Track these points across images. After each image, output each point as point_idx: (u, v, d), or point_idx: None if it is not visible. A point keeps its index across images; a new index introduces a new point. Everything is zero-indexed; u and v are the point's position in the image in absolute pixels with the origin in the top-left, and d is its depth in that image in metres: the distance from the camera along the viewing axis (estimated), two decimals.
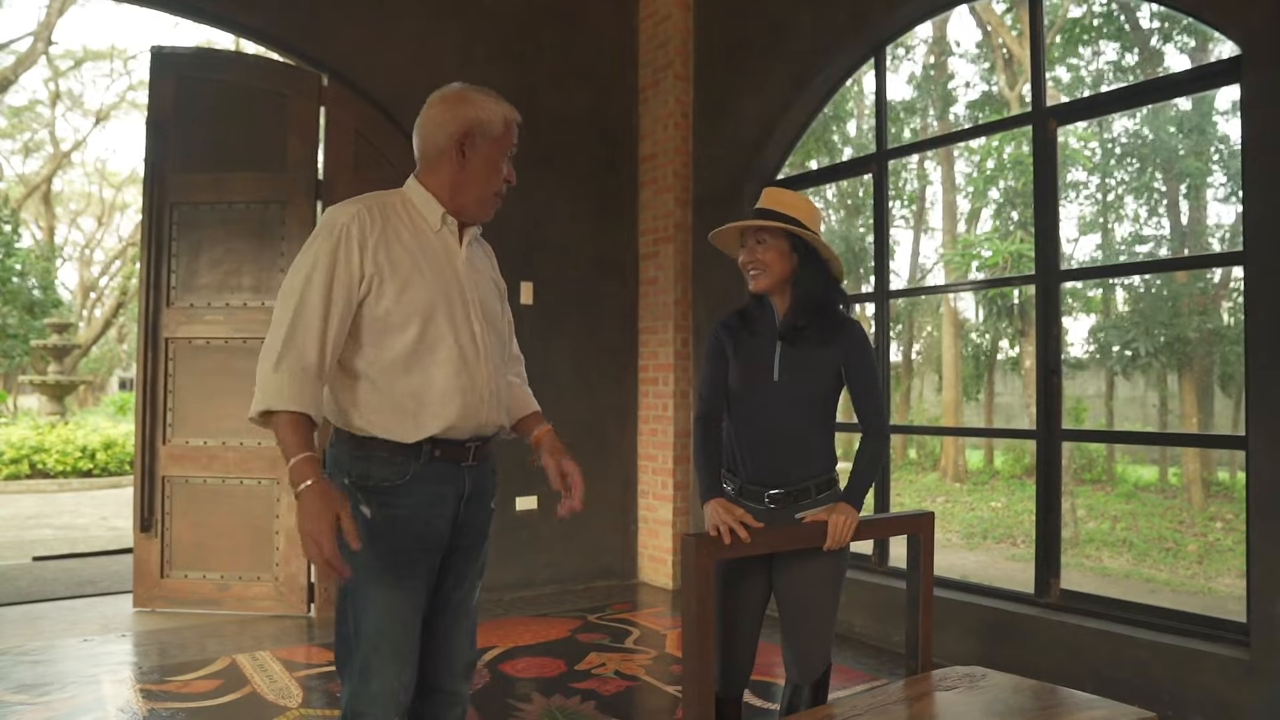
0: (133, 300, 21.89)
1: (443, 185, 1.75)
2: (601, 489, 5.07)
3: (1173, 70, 10.28)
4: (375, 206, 1.70)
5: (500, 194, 1.80)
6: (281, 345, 1.61)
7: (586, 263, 5.02)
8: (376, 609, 1.66)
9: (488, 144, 1.74)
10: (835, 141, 13.48)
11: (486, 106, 1.74)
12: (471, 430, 1.74)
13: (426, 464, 1.69)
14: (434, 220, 1.75)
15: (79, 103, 23.20)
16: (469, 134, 1.72)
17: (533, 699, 3.13)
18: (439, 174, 1.75)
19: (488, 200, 1.78)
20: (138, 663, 3.51)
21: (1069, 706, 1.96)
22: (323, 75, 4.34)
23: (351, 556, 1.68)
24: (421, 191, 1.76)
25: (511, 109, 1.78)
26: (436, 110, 1.74)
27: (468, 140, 1.72)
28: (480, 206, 1.78)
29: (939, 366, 14.08)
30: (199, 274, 4.29)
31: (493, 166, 1.75)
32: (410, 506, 1.69)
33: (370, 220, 1.67)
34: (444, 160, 1.73)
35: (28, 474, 10.18)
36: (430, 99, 1.77)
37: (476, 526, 1.83)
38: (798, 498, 2.08)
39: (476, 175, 1.74)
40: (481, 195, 1.77)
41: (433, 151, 1.74)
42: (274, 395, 1.58)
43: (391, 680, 1.67)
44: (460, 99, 1.74)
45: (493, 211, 1.81)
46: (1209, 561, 8.09)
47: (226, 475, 4.25)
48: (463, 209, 1.77)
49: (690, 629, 1.85)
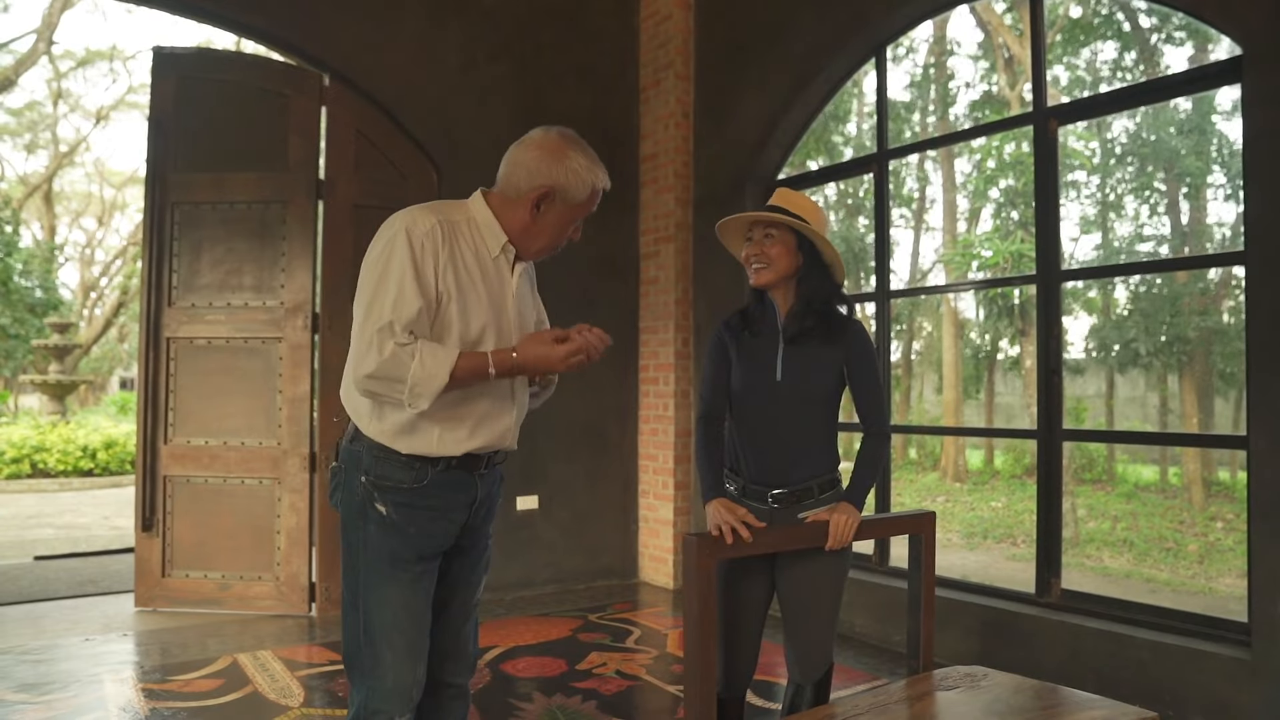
0: (133, 300, 21.91)
1: (511, 224, 1.74)
2: (602, 488, 5.08)
3: (1172, 70, 10.30)
4: (446, 223, 1.68)
5: (559, 248, 1.81)
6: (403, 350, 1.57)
7: (587, 262, 5.02)
8: (390, 606, 1.68)
9: (566, 208, 1.73)
10: (835, 142, 13.48)
11: (579, 173, 1.70)
12: (491, 449, 1.77)
13: (443, 471, 1.71)
14: (494, 247, 1.74)
15: (80, 103, 23.22)
16: (551, 194, 1.70)
17: (534, 698, 3.13)
18: (512, 213, 1.73)
19: (546, 251, 1.80)
20: (139, 662, 3.51)
21: (1070, 706, 1.97)
22: (324, 75, 4.34)
23: (364, 553, 1.69)
24: (489, 216, 1.74)
25: (604, 178, 1.74)
26: (533, 155, 1.71)
27: (547, 199, 1.70)
28: (539, 254, 1.80)
29: (939, 366, 14.07)
30: (200, 273, 4.30)
31: (562, 226, 1.76)
32: (425, 508, 1.71)
33: (442, 237, 1.66)
34: (520, 204, 1.72)
35: (29, 473, 10.19)
36: (533, 138, 1.73)
37: (483, 528, 1.86)
38: (801, 497, 2.08)
39: (545, 230, 1.74)
40: (543, 248, 1.78)
41: (512, 190, 1.73)
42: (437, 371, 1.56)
43: (406, 676, 1.69)
44: (559, 155, 1.70)
45: (546, 257, 1.82)
46: (1210, 561, 8.09)
47: (228, 475, 4.25)
48: (522, 251, 1.78)
49: (692, 629, 1.85)
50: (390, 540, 1.68)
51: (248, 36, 4.48)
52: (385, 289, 1.58)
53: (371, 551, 1.69)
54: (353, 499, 1.71)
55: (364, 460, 1.70)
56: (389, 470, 1.68)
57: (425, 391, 1.56)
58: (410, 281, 1.59)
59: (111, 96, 30.07)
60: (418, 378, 1.55)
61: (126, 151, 39.23)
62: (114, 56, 22.06)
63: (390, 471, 1.68)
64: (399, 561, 1.68)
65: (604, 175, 1.74)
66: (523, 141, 1.74)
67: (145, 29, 39.33)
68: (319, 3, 4.28)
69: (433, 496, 1.71)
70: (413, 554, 1.69)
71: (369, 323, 1.58)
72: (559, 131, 1.73)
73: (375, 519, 1.68)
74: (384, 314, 1.56)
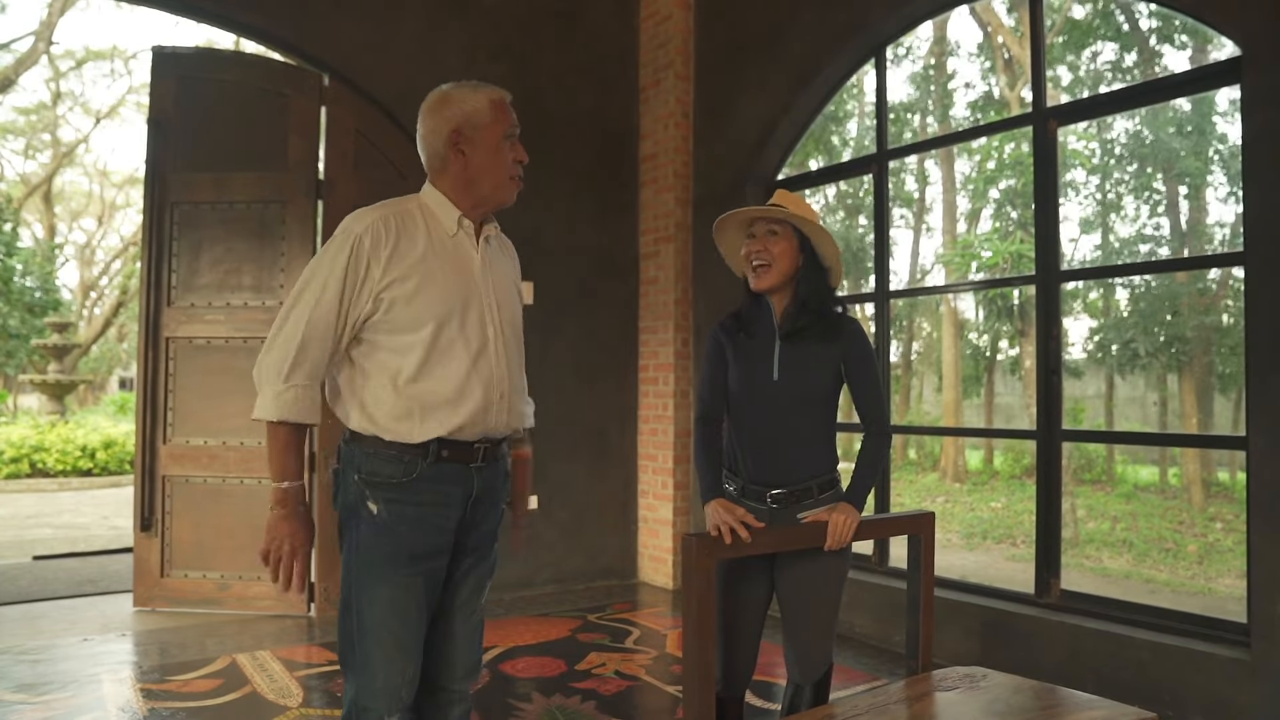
0: (133, 300, 21.88)
1: (454, 186, 1.76)
2: (602, 489, 5.08)
3: (1171, 71, 10.31)
4: (392, 215, 1.72)
5: (515, 175, 1.80)
6: (294, 357, 1.64)
7: (587, 262, 5.02)
8: (380, 605, 1.68)
9: (482, 133, 1.75)
10: (834, 143, 13.48)
11: (467, 99, 1.75)
12: (480, 432, 1.75)
13: (434, 463, 1.70)
14: (450, 224, 1.76)
15: (80, 103, 23.19)
16: (459, 131, 1.73)
17: (533, 698, 3.13)
18: (448, 176, 1.77)
19: (503, 184, 1.79)
20: (138, 662, 3.51)
21: (1069, 707, 1.97)
22: (324, 75, 4.34)
23: (356, 553, 1.69)
24: (436, 195, 1.78)
25: (495, 90, 1.78)
26: (427, 119, 1.77)
27: (461, 138, 1.74)
28: (498, 191, 1.79)
29: (939, 367, 14.08)
30: (199, 273, 4.29)
31: (495, 151, 1.76)
32: (416, 504, 1.70)
33: (385, 230, 1.69)
34: (447, 163, 1.75)
35: (28, 473, 10.19)
36: (420, 111, 1.80)
37: (485, 527, 1.84)
38: (800, 498, 2.08)
39: (483, 166, 1.76)
40: (496, 181, 1.78)
41: (435, 159, 1.77)
42: (289, 407, 1.65)
43: (395, 675, 1.68)
44: (441, 101, 1.76)
45: (514, 193, 1.82)
46: (1209, 562, 8.09)
47: (227, 475, 4.25)
48: (482, 200, 1.79)
49: (691, 629, 1.85)
50: (380, 540, 1.68)
51: (247, 36, 4.48)
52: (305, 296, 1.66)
53: (363, 552, 1.69)
54: (348, 499, 1.71)
55: (357, 458, 1.70)
56: (378, 466, 1.69)
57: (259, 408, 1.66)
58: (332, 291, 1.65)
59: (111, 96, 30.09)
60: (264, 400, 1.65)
61: (126, 151, 39.24)
62: (114, 56, 22.06)
63: (379, 467, 1.68)
64: (390, 562, 1.68)
65: (493, 89, 1.78)
66: (419, 121, 1.80)
67: (145, 29, 39.33)
68: (319, 3, 4.28)
69: (424, 492, 1.70)
70: (405, 554, 1.69)
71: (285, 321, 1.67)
72: (439, 88, 1.79)
73: (366, 518, 1.69)
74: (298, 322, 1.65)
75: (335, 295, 1.65)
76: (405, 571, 1.69)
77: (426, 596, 1.73)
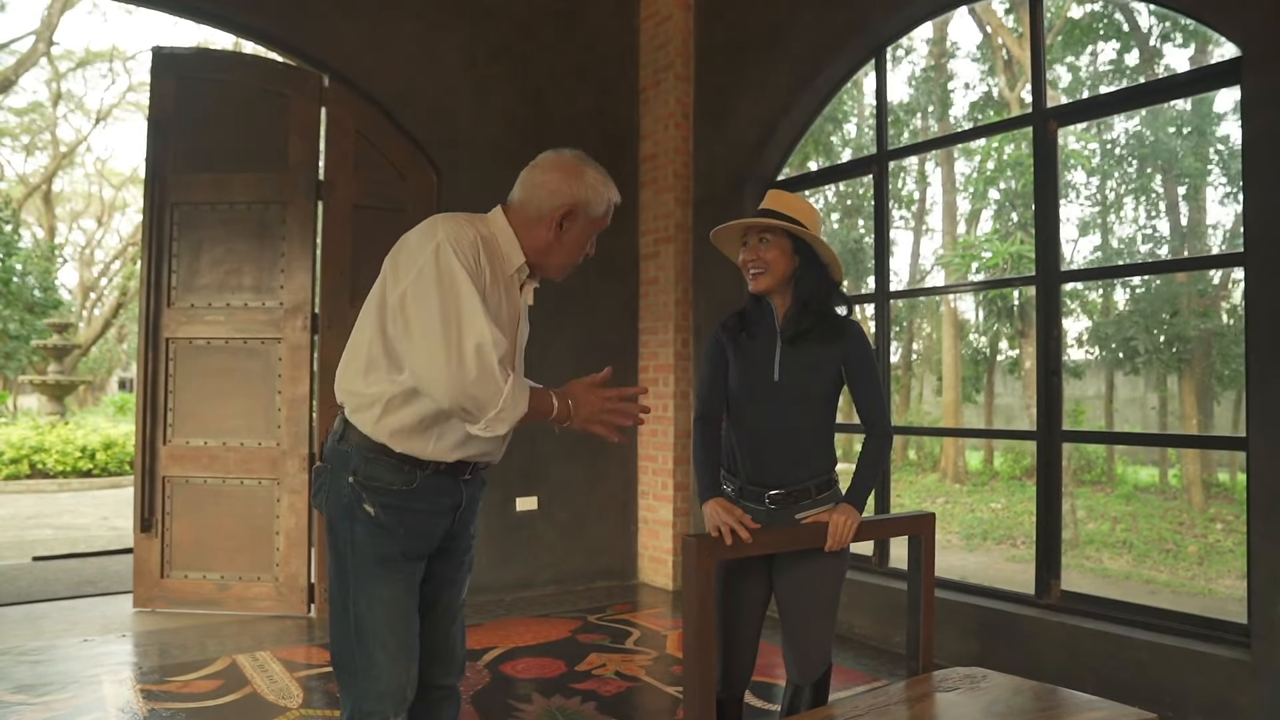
0: (132, 300, 21.88)
1: (533, 243, 1.76)
2: (602, 490, 5.08)
3: (1171, 71, 10.31)
4: (478, 237, 1.69)
5: (578, 264, 1.85)
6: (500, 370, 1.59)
7: (587, 263, 4.99)
8: (383, 607, 1.68)
9: (586, 222, 1.78)
10: (834, 143, 13.49)
11: (596, 190, 1.76)
12: (482, 459, 1.80)
13: (432, 475, 1.72)
14: (512, 263, 1.76)
15: (80, 103, 23.21)
16: (573, 212, 1.74)
17: (533, 699, 3.13)
18: (532, 233, 1.76)
19: (567, 268, 1.83)
20: (138, 663, 3.51)
21: (1069, 707, 1.96)
22: (324, 75, 4.34)
23: (352, 553, 1.69)
24: (510, 234, 1.76)
25: (616, 192, 1.81)
26: (553, 176, 1.74)
27: (570, 216, 1.75)
28: (560, 272, 1.83)
29: (939, 368, 14.07)
30: (199, 274, 4.29)
31: (583, 241, 1.81)
32: (412, 512, 1.71)
33: (481, 248, 1.68)
34: (542, 225, 1.75)
35: (27, 474, 10.18)
36: (548, 160, 1.77)
37: (469, 531, 1.89)
38: (798, 498, 2.08)
39: (566, 247, 1.79)
40: (565, 264, 1.82)
41: (533, 212, 1.75)
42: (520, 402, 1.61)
43: (400, 676, 1.69)
44: (576, 174, 1.75)
45: (565, 275, 1.85)
46: (1209, 563, 8.09)
47: (227, 475, 4.25)
48: (544, 269, 1.81)
49: (691, 630, 1.85)
50: (379, 540, 1.68)
51: (247, 37, 4.48)
52: (466, 304, 1.58)
53: (360, 552, 1.69)
54: (339, 499, 1.70)
55: (352, 460, 1.69)
56: (378, 471, 1.68)
57: (508, 418, 1.60)
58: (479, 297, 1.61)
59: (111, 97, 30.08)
60: (506, 404, 1.58)
61: (126, 152, 39.26)
62: (114, 57, 22.06)
63: (380, 473, 1.68)
64: (388, 562, 1.69)
65: (615, 190, 1.81)
66: (538, 164, 1.78)
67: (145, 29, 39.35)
68: (319, 3, 4.28)
69: (420, 499, 1.71)
70: (401, 555, 1.70)
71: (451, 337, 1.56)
72: (572, 152, 1.78)
73: (363, 519, 1.68)
74: (474, 332, 1.57)
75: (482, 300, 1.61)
76: (402, 571, 1.71)
77: (418, 598, 1.76)
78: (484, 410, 1.58)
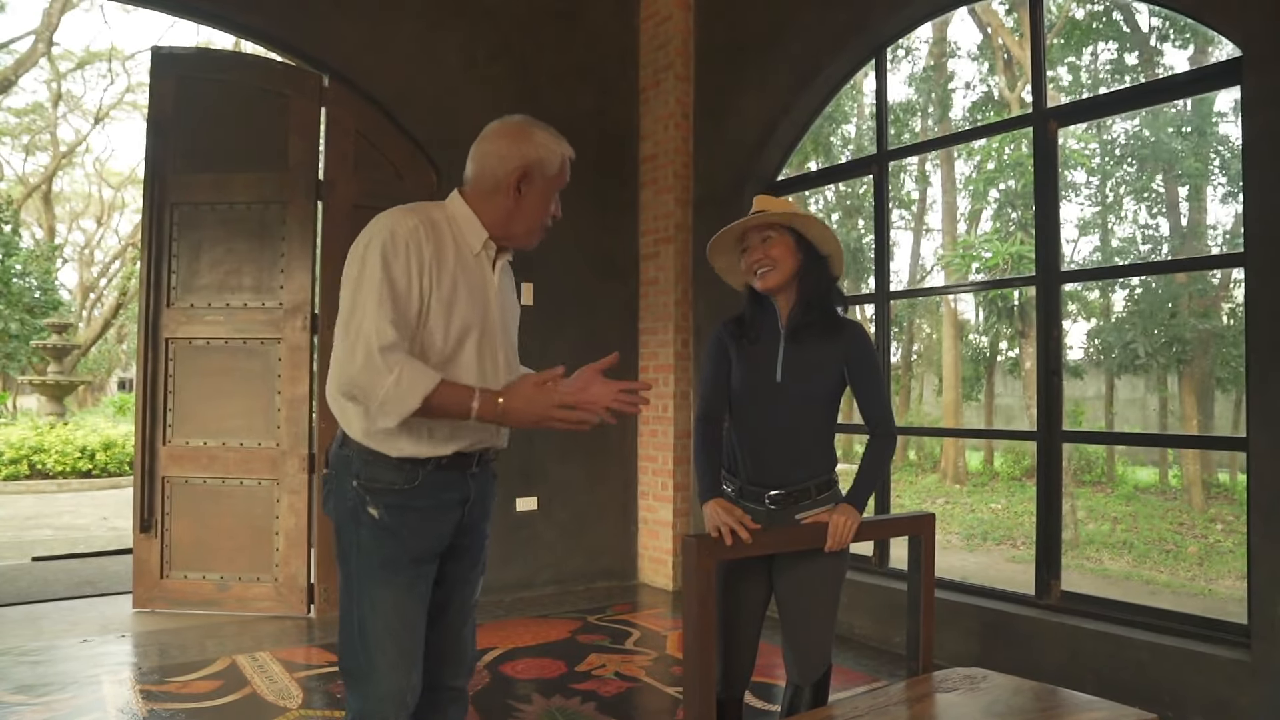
0: (132, 301, 21.87)
1: (494, 215, 1.75)
2: (602, 490, 5.07)
3: (1171, 71, 10.30)
4: (427, 223, 1.69)
5: (547, 226, 1.83)
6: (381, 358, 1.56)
7: (587, 263, 5.02)
8: (384, 611, 1.67)
9: (544, 181, 1.76)
10: (834, 144, 13.49)
11: (548, 145, 1.75)
12: (479, 448, 1.77)
13: (434, 471, 1.71)
14: (475, 243, 1.75)
15: (79, 104, 23.19)
16: (527, 172, 1.73)
17: (533, 700, 3.13)
18: (491, 204, 1.75)
19: (535, 233, 1.82)
20: (138, 663, 3.51)
21: (1069, 708, 1.96)
22: (324, 75, 4.34)
23: (356, 557, 1.69)
24: (468, 213, 1.75)
25: (569, 147, 1.80)
26: (500, 143, 1.74)
27: (525, 178, 1.74)
28: (529, 237, 1.82)
29: (939, 368, 14.08)
30: (199, 274, 4.29)
31: (544, 202, 1.79)
32: (417, 510, 1.70)
33: (425, 236, 1.66)
34: (499, 193, 1.74)
35: (27, 474, 10.17)
36: (493, 128, 1.76)
37: (479, 529, 1.86)
38: (798, 499, 2.08)
39: (528, 210, 1.77)
40: (531, 228, 1.80)
41: (489, 182, 1.74)
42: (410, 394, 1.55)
43: (400, 681, 1.68)
44: (523, 135, 1.74)
45: (537, 241, 1.84)
46: (1209, 563, 8.09)
47: (227, 476, 4.24)
48: (511, 238, 1.79)
49: (691, 630, 1.85)
50: (383, 543, 1.67)
51: (247, 37, 4.48)
52: (368, 295, 1.58)
53: (365, 556, 1.68)
54: (344, 503, 1.70)
55: (354, 464, 1.69)
56: (379, 472, 1.68)
57: (393, 411, 1.56)
58: (387, 290, 1.58)
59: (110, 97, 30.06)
60: (389, 395, 1.55)
61: (126, 152, 39.27)
62: (113, 57, 22.05)
63: (380, 474, 1.68)
64: (393, 565, 1.68)
65: (568, 145, 1.80)
66: (484, 135, 1.77)
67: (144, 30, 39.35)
68: (319, 3, 4.28)
69: (425, 497, 1.70)
70: (406, 557, 1.69)
71: (351, 329, 1.58)
72: (519, 116, 1.78)
73: (367, 523, 1.67)
74: (366, 322, 1.57)
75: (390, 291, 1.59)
76: (407, 574, 1.69)
77: (426, 600, 1.73)
78: (369, 398, 1.56)
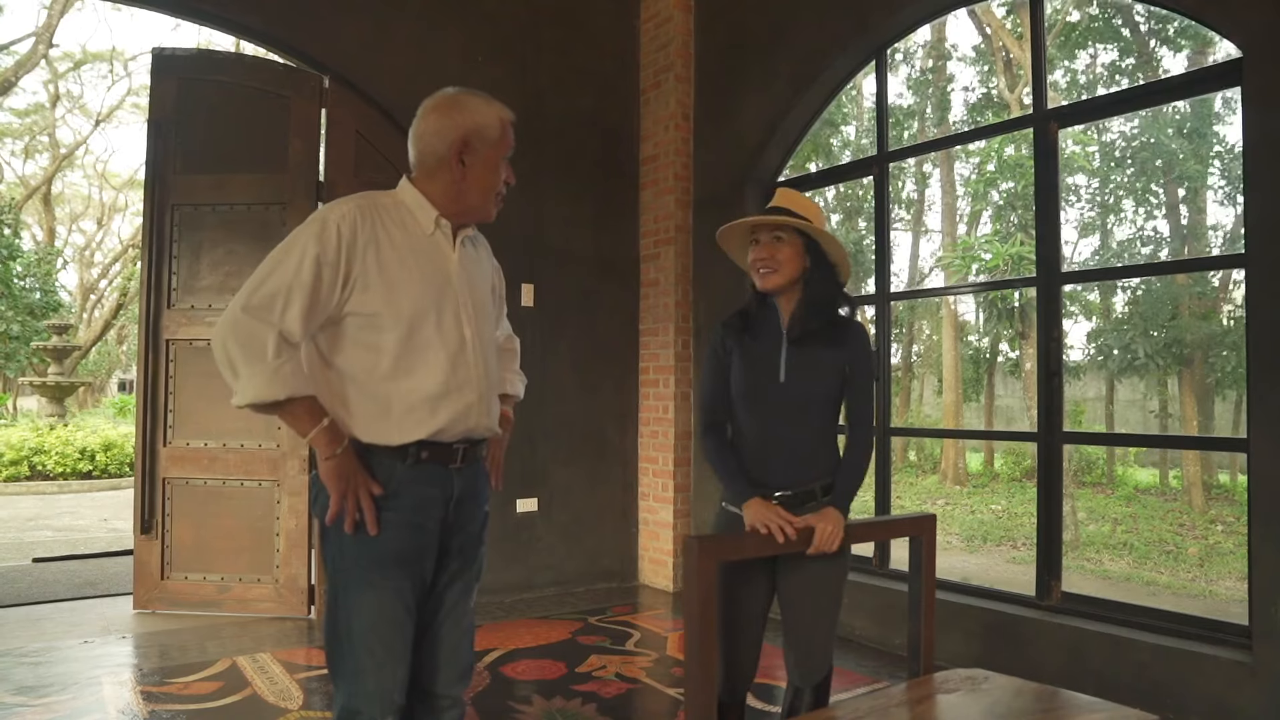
0: (132, 302, 21.87)
1: (443, 192, 1.74)
2: (602, 491, 5.07)
3: (1171, 73, 10.31)
4: (367, 207, 1.69)
5: (501, 194, 1.81)
6: (276, 338, 1.59)
7: (587, 265, 5.02)
8: (367, 610, 1.66)
9: (486, 148, 1.75)
10: (833, 145, 13.49)
11: (482, 111, 1.74)
12: (460, 434, 1.74)
13: (413, 466, 1.69)
14: (426, 224, 1.74)
15: (79, 105, 23.20)
16: (467, 142, 1.72)
17: (533, 701, 3.12)
18: (438, 181, 1.74)
19: (490, 202, 1.80)
20: (138, 664, 3.51)
21: (1070, 709, 1.96)
22: (324, 77, 4.34)
23: (340, 558, 1.68)
24: (415, 195, 1.75)
25: (506, 109, 1.78)
26: (433, 119, 1.73)
27: (466, 148, 1.72)
28: (484, 209, 1.80)
29: (939, 369, 14.08)
30: (200, 275, 4.29)
31: (492, 169, 1.77)
32: (397, 509, 1.69)
33: (360, 220, 1.66)
34: (443, 168, 1.73)
35: (27, 476, 10.18)
36: (425, 106, 1.77)
37: (469, 530, 1.83)
38: (803, 500, 2.07)
39: (477, 180, 1.75)
40: (484, 198, 1.78)
41: (431, 160, 1.74)
42: (286, 383, 1.59)
43: (386, 679, 1.67)
44: (456, 106, 1.73)
45: (495, 211, 1.82)
46: (1210, 564, 8.09)
47: (227, 477, 4.24)
48: (466, 212, 1.78)
49: (693, 631, 1.84)
50: (364, 546, 1.66)
51: (247, 38, 4.48)
52: (282, 274, 1.60)
53: (347, 558, 1.68)
54: (328, 504, 1.69)
55: None
56: None
57: (246, 391, 1.60)
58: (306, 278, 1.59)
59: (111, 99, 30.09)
60: (253, 379, 1.58)
61: (126, 153, 39.28)
62: (113, 58, 22.06)
63: None
64: (375, 566, 1.67)
65: (504, 107, 1.78)
66: (419, 115, 1.77)
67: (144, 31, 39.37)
68: (319, 4, 4.28)
69: (404, 496, 1.69)
70: (389, 558, 1.67)
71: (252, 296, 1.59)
72: (449, 89, 1.77)
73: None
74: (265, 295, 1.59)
75: (311, 276, 1.60)
76: (390, 575, 1.68)
77: (414, 599, 1.72)
78: (234, 366, 1.60)
